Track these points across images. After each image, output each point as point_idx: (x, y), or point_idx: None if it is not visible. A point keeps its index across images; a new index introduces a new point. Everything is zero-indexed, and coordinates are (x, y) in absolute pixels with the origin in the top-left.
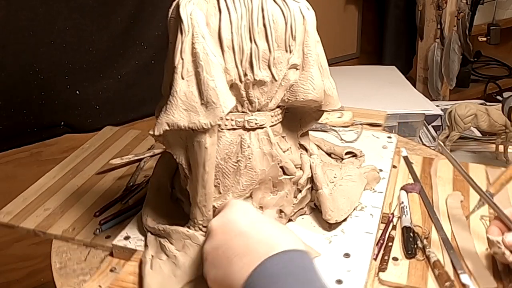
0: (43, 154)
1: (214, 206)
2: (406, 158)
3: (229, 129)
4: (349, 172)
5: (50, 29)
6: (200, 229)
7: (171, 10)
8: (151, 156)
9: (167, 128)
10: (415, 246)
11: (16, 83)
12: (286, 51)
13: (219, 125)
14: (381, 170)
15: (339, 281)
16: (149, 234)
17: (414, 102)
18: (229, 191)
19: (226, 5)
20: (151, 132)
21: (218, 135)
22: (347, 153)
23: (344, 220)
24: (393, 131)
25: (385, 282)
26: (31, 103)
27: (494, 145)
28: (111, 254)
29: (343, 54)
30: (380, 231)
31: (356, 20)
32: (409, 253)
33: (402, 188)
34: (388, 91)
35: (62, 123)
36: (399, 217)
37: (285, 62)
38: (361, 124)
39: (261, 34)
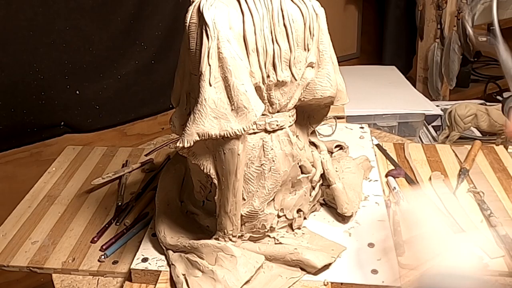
0: (43, 154)
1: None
2: (379, 146)
3: (250, 133)
4: (347, 164)
5: (50, 29)
6: (230, 239)
7: (188, 15)
8: (130, 172)
9: (198, 138)
10: None
11: (16, 83)
12: (305, 49)
13: None
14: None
15: (374, 271)
16: (170, 252)
17: (414, 102)
18: (254, 196)
19: (248, 7)
20: (180, 145)
21: None
22: (335, 147)
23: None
24: (393, 131)
25: (405, 266)
26: (31, 103)
27: (494, 145)
28: (129, 279)
29: (343, 54)
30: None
31: (356, 20)
32: None
33: (388, 175)
34: (388, 91)
35: (62, 123)
36: (395, 202)
37: (303, 61)
38: (334, 118)
39: (282, 34)
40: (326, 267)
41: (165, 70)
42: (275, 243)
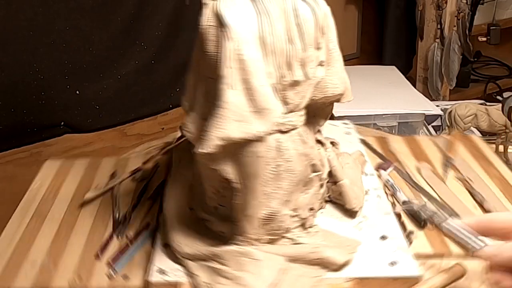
0: (43, 154)
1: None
2: (363, 141)
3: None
4: (345, 160)
5: (50, 29)
6: (251, 243)
7: (204, 18)
8: (120, 182)
9: (220, 143)
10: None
11: (16, 83)
12: (316, 48)
13: None
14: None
15: (393, 263)
16: (187, 261)
17: (414, 102)
18: (271, 198)
19: (264, 7)
20: (202, 150)
21: None
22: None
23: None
24: (393, 131)
25: (416, 255)
26: (31, 103)
27: (494, 145)
28: None
29: (343, 54)
30: None
31: (356, 20)
32: (422, 224)
33: (378, 168)
34: (388, 91)
35: (62, 123)
36: (392, 195)
37: (315, 60)
38: None
39: (296, 34)
40: (347, 263)
41: (165, 70)
42: (293, 244)
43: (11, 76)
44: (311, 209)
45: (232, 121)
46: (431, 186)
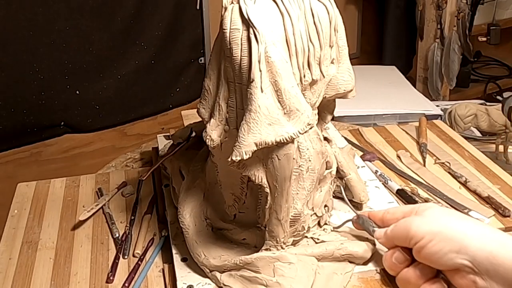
0: (43, 154)
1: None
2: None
3: None
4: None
5: (50, 29)
6: (282, 247)
7: (227, 21)
8: (109, 199)
9: (255, 148)
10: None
11: (16, 83)
12: (330, 46)
13: None
14: None
15: None
16: (216, 273)
17: (414, 102)
18: (295, 199)
19: (286, 8)
20: (237, 158)
21: None
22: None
23: None
24: None
25: None
26: (31, 103)
27: (494, 145)
28: None
29: None
30: None
31: (356, 20)
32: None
33: (363, 159)
34: (388, 91)
35: (62, 123)
36: (384, 184)
37: (329, 58)
38: None
39: (314, 33)
40: (372, 256)
41: (165, 70)
42: (316, 243)
43: (11, 76)
44: (325, 206)
45: (266, 125)
46: (415, 172)
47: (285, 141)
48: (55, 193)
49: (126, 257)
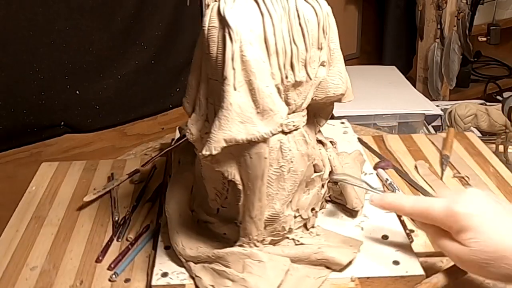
0: (43, 154)
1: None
2: (360, 140)
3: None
4: (345, 159)
5: (50, 29)
6: (255, 245)
7: (207, 19)
8: (118, 185)
9: (225, 144)
10: None
11: (16, 83)
12: (318, 48)
13: None
14: None
15: (396, 262)
16: (191, 264)
17: (414, 102)
18: (275, 199)
19: (267, 8)
20: (206, 153)
21: None
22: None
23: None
24: (393, 131)
25: (418, 254)
26: (31, 103)
27: (494, 145)
28: None
29: (343, 54)
30: None
31: (356, 20)
32: None
33: (377, 167)
34: (388, 91)
35: (62, 123)
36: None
37: (317, 60)
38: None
39: (299, 34)
40: (350, 263)
41: (165, 70)
42: (296, 244)
43: (11, 76)
44: (313, 209)
45: (237, 122)
46: (428, 184)
47: (256, 140)
48: (73, 174)
49: (119, 240)
